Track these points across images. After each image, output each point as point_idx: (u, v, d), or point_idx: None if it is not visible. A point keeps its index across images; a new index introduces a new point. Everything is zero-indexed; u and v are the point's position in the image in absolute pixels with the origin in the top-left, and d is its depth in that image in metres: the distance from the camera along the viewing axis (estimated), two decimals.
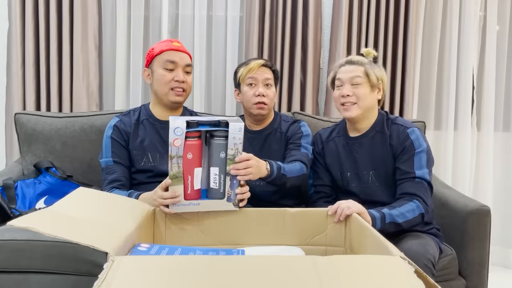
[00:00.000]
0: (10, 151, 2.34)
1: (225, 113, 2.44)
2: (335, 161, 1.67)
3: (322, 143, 1.72)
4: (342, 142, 1.67)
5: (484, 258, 1.66)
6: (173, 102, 1.61)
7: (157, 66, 1.60)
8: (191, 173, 1.21)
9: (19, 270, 1.58)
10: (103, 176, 1.59)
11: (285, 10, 2.36)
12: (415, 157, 1.51)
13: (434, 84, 2.53)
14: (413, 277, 0.77)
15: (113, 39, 2.41)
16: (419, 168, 1.50)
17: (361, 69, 1.56)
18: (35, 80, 2.32)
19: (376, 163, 1.58)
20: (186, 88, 1.62)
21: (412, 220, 1.43)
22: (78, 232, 0.90)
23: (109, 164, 1.58)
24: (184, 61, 1.61)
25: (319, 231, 1.26)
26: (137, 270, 0.76)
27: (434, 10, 2.49)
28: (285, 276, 0.76)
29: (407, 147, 1.53)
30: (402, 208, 1.43)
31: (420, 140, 1.53)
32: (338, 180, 1.66)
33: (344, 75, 1.57)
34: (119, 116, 1.68)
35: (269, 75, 1.71)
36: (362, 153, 1.61)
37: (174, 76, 1.58)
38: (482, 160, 2.57)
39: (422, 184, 1.48)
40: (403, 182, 1.51)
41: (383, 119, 1.62)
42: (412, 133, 1.54)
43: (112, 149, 1.60)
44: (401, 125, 1.58)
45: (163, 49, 1.59)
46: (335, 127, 1.75)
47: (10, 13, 2.30)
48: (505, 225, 2.64)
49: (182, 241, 1.23)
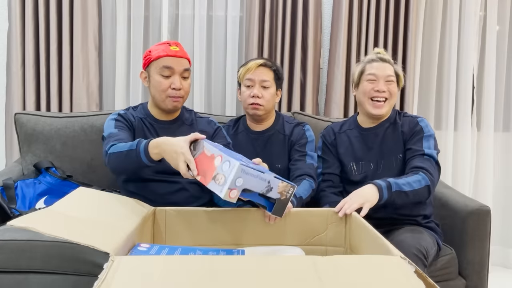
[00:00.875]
0: (10, 151, 2.34)
1: (225, 113, 2.44)
2: (347, 152, 1.72)
3: (335, 134, 1.77)
4: (355, 134, 1.73)
5: (484, 258, 1.66)
6: (170, 109, 1.59)
7: (154, 71, 1.57)
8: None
9: (19, 270, 1.58)
10: (104, 144, 1.47)
11: (285, 10, 2.36)
12: (424, 139, 1.60)
13: (434, 84, 2.53)
14: (413, 277, 0.77)
15: (113, 39, 2.41)
16: (427, 148, 1.58)
17: (392, 68, 1.67)
18: (35, 80, 2.32)
19: (388, 151, 1.65)
20: (184, 94, 1.59)
21: (419, 190, 1.47)
22: (78, 232, 0.90)
23: (113, 132, 1.49)
24: (181, 67, 1.56)
25: (319, 231, 1.26)
26: (137, 270, 0.76)
27: (434, 10, 2.49)
28: (285, 276, 0.76)
29: (417, 131, 1.63)
30: (409, 178, 1.48)
31: (429, 127, 1.64)
32: (348, 171, 1.70)
33: (379, 72, 1.64)
34: (120, 111, 1.64)
35: (267, 76, 1.70)
36: (377, 142, 1.67)
37: (171, 83, 1.55)
38: (482, 160, 2.57)
39: (430, 161, 1.55)
40: (412, 159, 1.58)
41: (395, 112, 1.73)
42: (421, 121, 1.66)
43: (116, 125, 1.54)
44: (411, 115, 1.70)
45: (160, 54, 1.55)
46: (344, 122, 1.81)
47: (10, 13, 2.29)
48: (505, 225, 2.64)
49: (182, 241, 1.23)
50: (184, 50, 1.61)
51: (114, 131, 1.51)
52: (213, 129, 1.69)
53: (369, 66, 1.67)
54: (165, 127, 1.62)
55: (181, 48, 1.60)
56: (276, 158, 1.75)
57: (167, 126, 1.63)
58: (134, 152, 1.30)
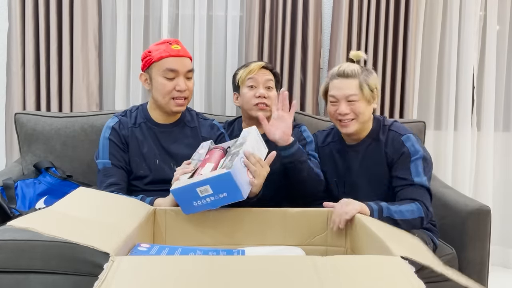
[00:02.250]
0: (10, 151, 2.34)
1: (225, 113, 2.44)
2: (330, 169, 1.64)
3: (318, 148, 1.69)
4: (337, 147, 1.64)
5: (484, 258, 1.66)
6: (174, 112, 1.54)
7: (156, 73, 1.50)
8: (203, 165, 1.26)
9: (19, 270, 1.58)
10: (99, 178, 1.52)
11: (285, 10, 2.36)
12: (411, 165, 1.46)
13: (434, 84, 2.52)
14: (413, 277, 0.77)
15: (113, 39, 2.41)
16: (416, 175, 1.45)
17: (355, 83, 1.49)
18: (35, 80, 2.32)
19: (371, 173, 1.55)
20: (188, 95, 1.53)
21: (411, 221, 1.39)
22: (78, 232, 0.90)
23: (107, 166, 1.51)
24: (185, 67, 1.50)
25: (319, 231, 1.26)
26: (137, 270, 0.76)
27: (434, 10, 2.49)
28: (285, 276, 0.76)
29: (403, 155, 1.48)
30: (402, 206, 1.39)
31: (416, 146, 1.48)
32: (332, 188, 1.64)
33: (339, 92, 1.50)
34: (118, 116, 1.60)
35: (270, 76, 1.68)
36: (358, 161, 1.58)
37: (176, 85, 1.49)
38: (482, 160, 2.57)
39: (421, 189, 1.44)
40: (401, 189, 1.47)
41: (379, 125, 1.57)
42: (407, 140, 1.49)
43: (110, 150, 1.52)
44: (396, 131, 1.53)
45: (162, 55, 1.48)
46: (330, 131, 1.71)
47: (10, 13, 2.29)
48: (505, 225, 2.64)
49: (182, 241, 1.22)
50: (185, 48, 1.55)
51: (108, 166, 1.50)
52: (216, 136, 1.63)
53: (331, 85, 1.53)
54: (166, 131, 1.58)
55: (182, 46, 1.54)
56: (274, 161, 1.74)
57: (168, 130, 1.58)
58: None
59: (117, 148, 1.53)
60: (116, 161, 1.51)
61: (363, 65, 1.59)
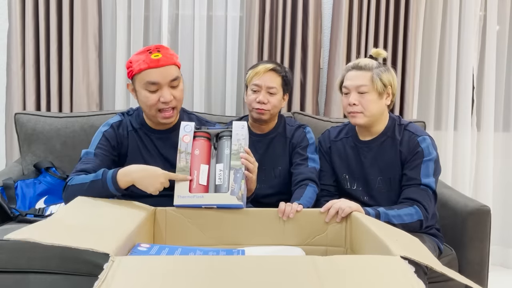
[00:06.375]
0: (10, 151, 2.34)
1: (225, 113, 2.44)
2: (341, 162, 1.66)
3: (330, 142, 1.71)
4: (351, 144, 1.65)
5: (484, 258, 1.66)
6: (163, 123, 1.47)
7: (139, 86, 1.42)
8: (197, 168, 1.27)
9: (19, 270, 1.58)
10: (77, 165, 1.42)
11: (285, 10, 2.36)
12: (423, 165, 1.48)
13: (434, 84, 2.52)
14: (413, 277, 0.77)
15: (113, 39, 2.41)
16: (425, 176, 1.47)
17: (367, 75, 1.51)
18: (35, 80, 2.32)
19: (383, 169, 1.56)
20: (176, 104, 1.44)
21: (409, 224, 1.40)
22: (77, 237, 0.89)
23: (90, 155, 1.43)
24: (167, 78, 1.40)
25: (319, 231, 1.26)
26: (137, 270, 0.76)
27: (434, 10, 2.49)
28: (285, 276, 0.76)
29: (416, 155, 1.50)
30: (401, 210, 1.41)
31: (430, 149, 1.50)
32: (342, 181, 1.66)
33: (350, 82, 1.53)
34: (121, 115, 1.56)
35: (274, 82, 1.66)
36: (370, 157, 1.58)
37: (160, 96, 1.40)
38: (482, 160, 2.57)
39: (426, 192, 1.45)
40: (407, 188, 1.49)
41: (394, 124, 1.58)
42: (423, 141, 1.51)
43: (99, 143, 1.46)
44: (413, 132, 1.54)
45: (141, 67, 1.38)
46: (343, 127, 1.72)
47: (10, 13, 2.29)
48: (505, 225, 2.64)
49: (182, 241, 1.23)
50: (168, 54, 1.42)
51: (90, 155, 1.42)
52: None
53: (346, 77, 1.56)
54: (163, 137, 1.52)
55: (164, 53, 1.41)
56: (277, 160, 1.75)
57: (165, 136, 1.52)
58: (100, 182, 1.25)
59: (107, 143, 1.48)
60: (100, 153, 1.44)
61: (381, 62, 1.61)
